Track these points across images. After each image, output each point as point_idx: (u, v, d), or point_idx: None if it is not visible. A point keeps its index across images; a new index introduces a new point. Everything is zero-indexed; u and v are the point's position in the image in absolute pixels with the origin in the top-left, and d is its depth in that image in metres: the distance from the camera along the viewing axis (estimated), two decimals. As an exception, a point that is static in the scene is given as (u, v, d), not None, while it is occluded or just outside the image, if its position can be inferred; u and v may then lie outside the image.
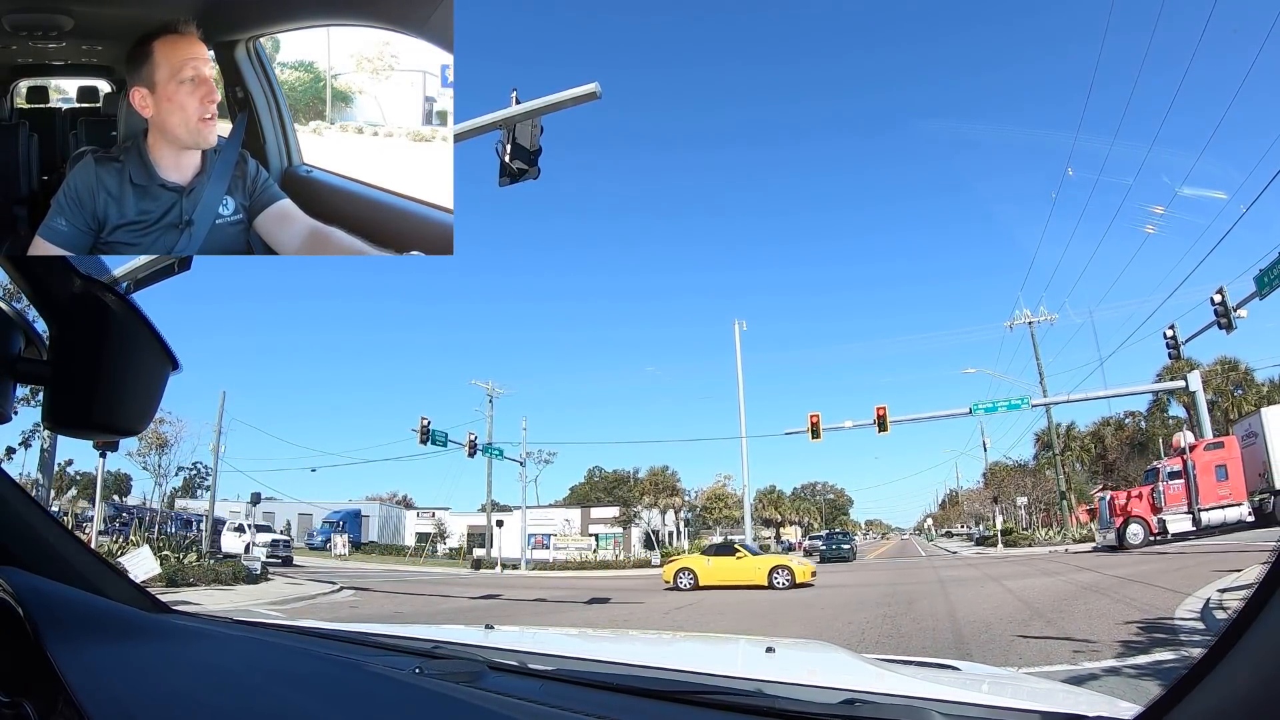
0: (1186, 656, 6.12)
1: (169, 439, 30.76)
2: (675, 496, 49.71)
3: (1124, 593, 10.97)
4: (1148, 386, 34.19)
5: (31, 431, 33.14)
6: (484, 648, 1.60)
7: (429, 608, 15.80)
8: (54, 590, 1.04)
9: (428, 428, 31.36)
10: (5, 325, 0.86)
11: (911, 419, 30.94)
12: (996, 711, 1.20)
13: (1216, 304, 20.44)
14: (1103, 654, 6.45)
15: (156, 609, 1.34)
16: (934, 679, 1.66)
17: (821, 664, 1.92)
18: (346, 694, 1.09)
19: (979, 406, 29.09)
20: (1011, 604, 11.13)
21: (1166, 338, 24.47)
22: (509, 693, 1.13)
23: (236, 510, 42.16)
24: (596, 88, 10.17)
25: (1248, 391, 37.10)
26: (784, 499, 66.56)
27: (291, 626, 1.87)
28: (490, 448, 37.93)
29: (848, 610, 11.95)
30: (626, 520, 47.25)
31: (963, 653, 6.88)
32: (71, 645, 0.91)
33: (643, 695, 1.16)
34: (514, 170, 10.36)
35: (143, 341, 0.92)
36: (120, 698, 0.86)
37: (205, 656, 1.16)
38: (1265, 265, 18.07)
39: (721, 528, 53.33)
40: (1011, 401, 29.83)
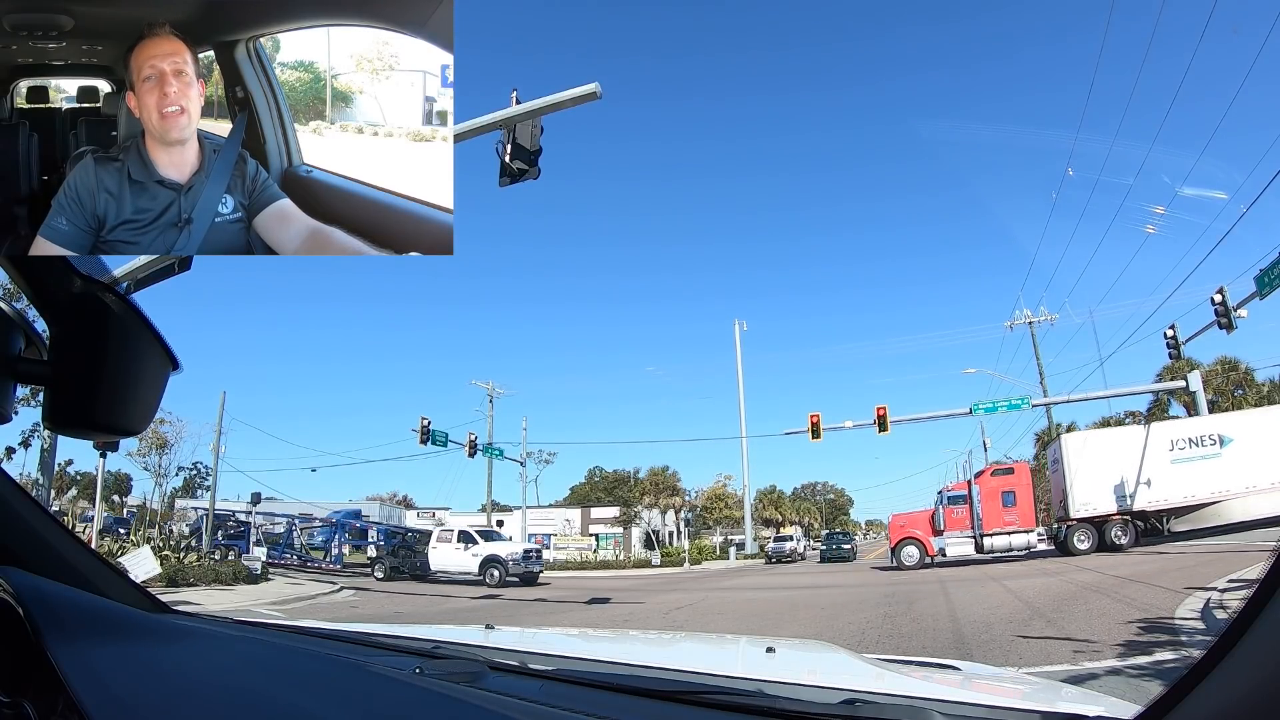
0: (1186, 656, 6.12)
1: (169, 439, 30.81)
2: (676, 496, 49.70)
3: (1124, 592, 10.96)
4: (1148, 386, 34.12)
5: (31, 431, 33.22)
6: (484, 648, 1.61)
7: (429, 608, 15.81)
8: (54, 590, 1.04)
9: (428, 428, 31.35)
10: (5, 325, 0.86)
11: (911, 419, 30.93)
12: (997, 711, 1.20)
13: (1216, 304, 20.43)
14: (1103, 654, 6.44)
15: (156, 609, 1.34)
16: (934, 679, 1.66)
17: (821, 664, 1.92)
18: (347, 694, 1.09)
19: (979, 406, 29.07)
20: (1011, 604, 11.13)
21: (1167, 338, 24.46)
22: (509, 693, 1.13)
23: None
24: (597, 88, 10.17)
25: (1248, 391, 37.08)
26: (784, 499, 66.50)
27: (291, 626, 1.87)
28: (490, 448, 37.91)
29: (848, 610, 11.95)
30: (627, 520, 47.22)
31: (963, 653, 6.88)
32: (72, 645, 0.91)
33: (643, 695, 1.16)
34: (514, 170, 10.36)
35: (143, 341, 0.92)
36: (120, 697, 0.86)
37: (205, 656, 1.16)
38: (1265, 265, 18.04)
39: (722, 528, 53.36)
40: (1012, 401, 29.81)
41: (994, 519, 23.38)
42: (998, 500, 23.49)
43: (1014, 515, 23.37)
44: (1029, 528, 23.41)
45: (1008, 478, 24.11)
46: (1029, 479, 24.29)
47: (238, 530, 30.95)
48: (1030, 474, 24.62)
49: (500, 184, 10.54)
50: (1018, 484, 23.79)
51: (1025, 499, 23.67)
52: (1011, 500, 23.48)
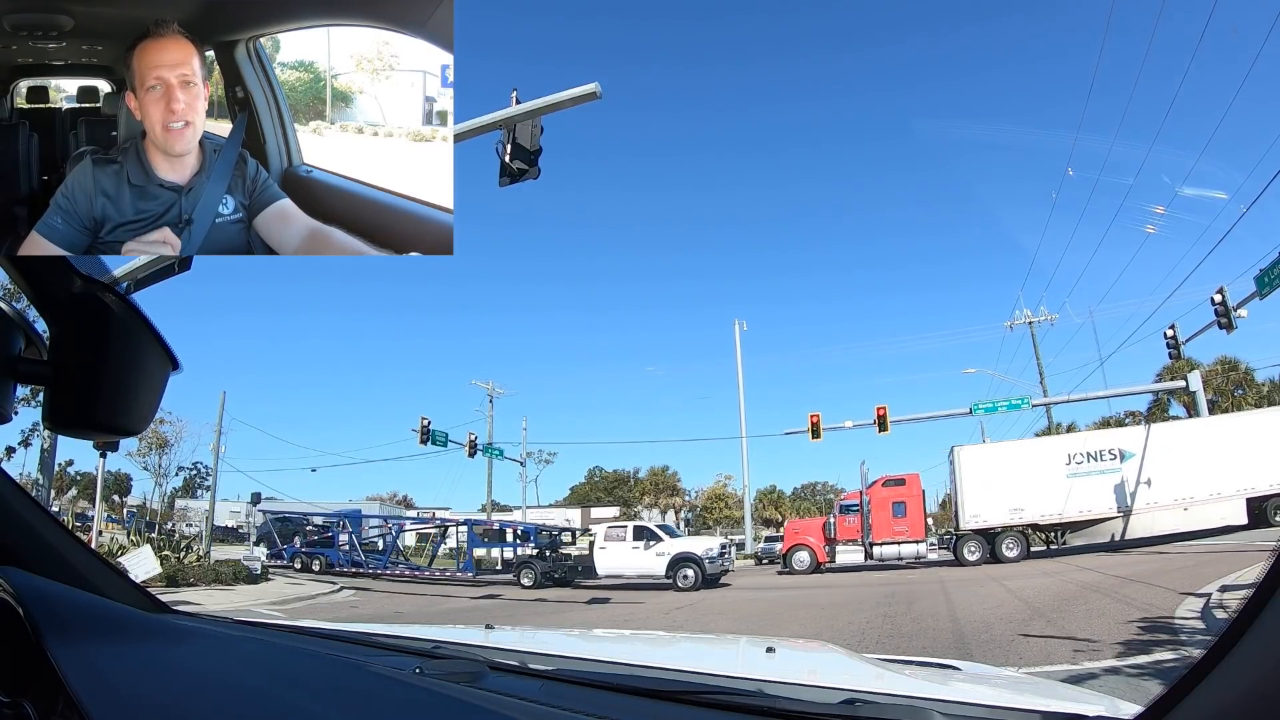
0: (1186, 656, 6.12)
1: (169, 439, 30.78)
2: (676, 496, 49.80)
3: (1124, 592, 10.96)
4: (1148, 386, 34.16)
5: (31, 431, 33.24)
6: (484, 648, 1.61)
7: (429, 608, 15.81)
8: (54, 590, 1.04)
9: (428, 428, 31.40)
10: (5, 325, 0.86)
11: (911, 419, 30.97)
12: (997, 711, 1.20)
13: (1216, 304, 20.44)
14: (1103, 654, 6.45)
15: (156, 609, 1.34)
16: (934, 679, 1.66)
17: (821, 664, 1.93)
18: (347, 694, 1.09)
19: (979, 406, 29.09)
20: (1012, 604, 11.13)
21: (1167, 338, 24.49)
22: (509, 693, 1.13)
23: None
24: (597, 88, 10.18)
25: (1248, 391, 37.09)
26: (784, 499, 66.53)
27: (292, 626, 1.87)
28: (490, 448, 37.97)
29: (848, 610, 11.95)
30: (627, 520, 47.29)
31: (963, 653, 6.88)
32: (72, 645, 0.91)
33: (643, 695, 1.16)
34: (514, 170, 10.36)
35: (143, 341, 0.92)
36: (120, 697, 0.86)
37: (205, 656, 1.16)
38: (1265, 265, 18.06)
39: (722, 527, 53.38)
40: (1012, 401, 29.83)
41: (884, 529, 23.95)
42: (888, 510, 24.09)
43: (904, 525, 23.91)
44: (918, 538, 23.94)
45: (899, 489, 24.67)
46: (920, 490, 24.87)
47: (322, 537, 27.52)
48: (921, 486, 25.15)
49: (500, 184, 10.55)
50: (908, 495, 24.42)
51: (915, 510, 24.27)
52: (902, 511, 24.09)
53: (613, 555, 20.55)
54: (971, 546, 22.70)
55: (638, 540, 20.29)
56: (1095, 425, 34.84)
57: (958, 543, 23.35)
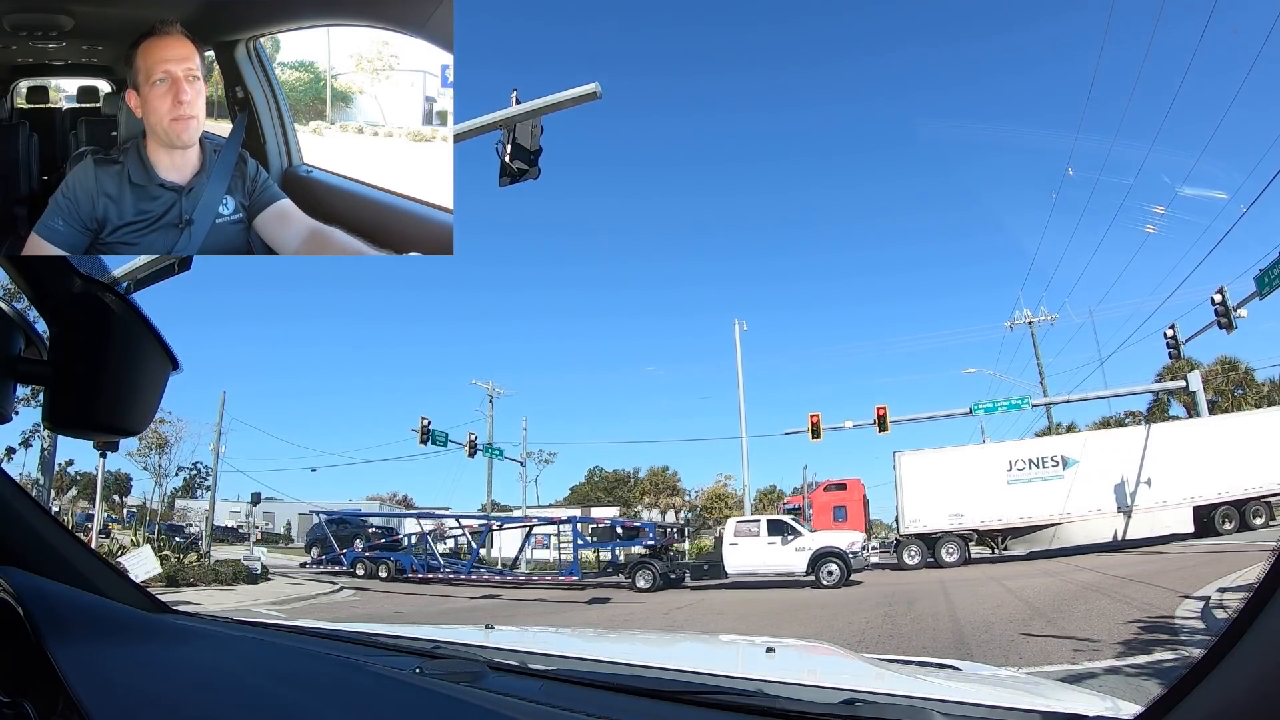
0: (1186, 656, 6.13)
1: (169, 439, 30.75)
2: (676, 496, 49.79)
3: (1124, 592, 10.96)
4: (1148, 386, 34.12)
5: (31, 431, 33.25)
6: (484, 648, 1.61)
7: (429, 608, 15.81)
8: (54, 590, 1.04)
9: (428, 428, 31.37)
10: (5, 325, 0.86)
11: (912, 419, 30.80)
12: (997, 711, 1.20)
13: (1216, 304, 20.41)
14: (1103, 653, 6.45)
15: (156, 609, 1.34)
16: (934, 679, 1.66)
17: (821, 664, 1.93)
18: (347, 694, 1.09)
19: (979, 406, 29.03)
20: (1012, 604, 11.13)
21: (1166, 338, 24.45)
22: (509, 693, 1.13)
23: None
24: (597, 88, 10.18)
25: (1248, 391, 37.08)
26: (784, 499, 66.51)
27: (291, 626, 1.88)
28: (490, 448, 37.96)
29: (848, 610, 11.95)
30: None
31: (963, 653, 6.88)
32: (72, 645, 0.91)
33: (643, 695, 1.16)
34: (514, 170, 10.36)
35: (143, 342, 0.92)
36: (121, 698, 0.86)
37: (206, 656, 1.16)
38: (1265, 265, 18.04)
39: (722, 527, 53.31)
40: (1012, 401, 29.78)
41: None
42: (829, 514, 24.62)
43: (845, 528, 24.03)
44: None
45: (840, 493, 25.29)
46: (861, 495, 25.41)
47: (390, 540, 25.87)
48: (863, 490, 25.60)
49: (500, 184, 10.55)
50: (849, 499, 25.01)
51: (856, 513, 24.81)
52: (843, 515, 24.62)
53: (745, 552, 18.97)
54: (912, 550, 22.70)
55: (774, 535, 18.86)
56: (1095, 425, 34.83)
57: (898, 546, 23.38)
